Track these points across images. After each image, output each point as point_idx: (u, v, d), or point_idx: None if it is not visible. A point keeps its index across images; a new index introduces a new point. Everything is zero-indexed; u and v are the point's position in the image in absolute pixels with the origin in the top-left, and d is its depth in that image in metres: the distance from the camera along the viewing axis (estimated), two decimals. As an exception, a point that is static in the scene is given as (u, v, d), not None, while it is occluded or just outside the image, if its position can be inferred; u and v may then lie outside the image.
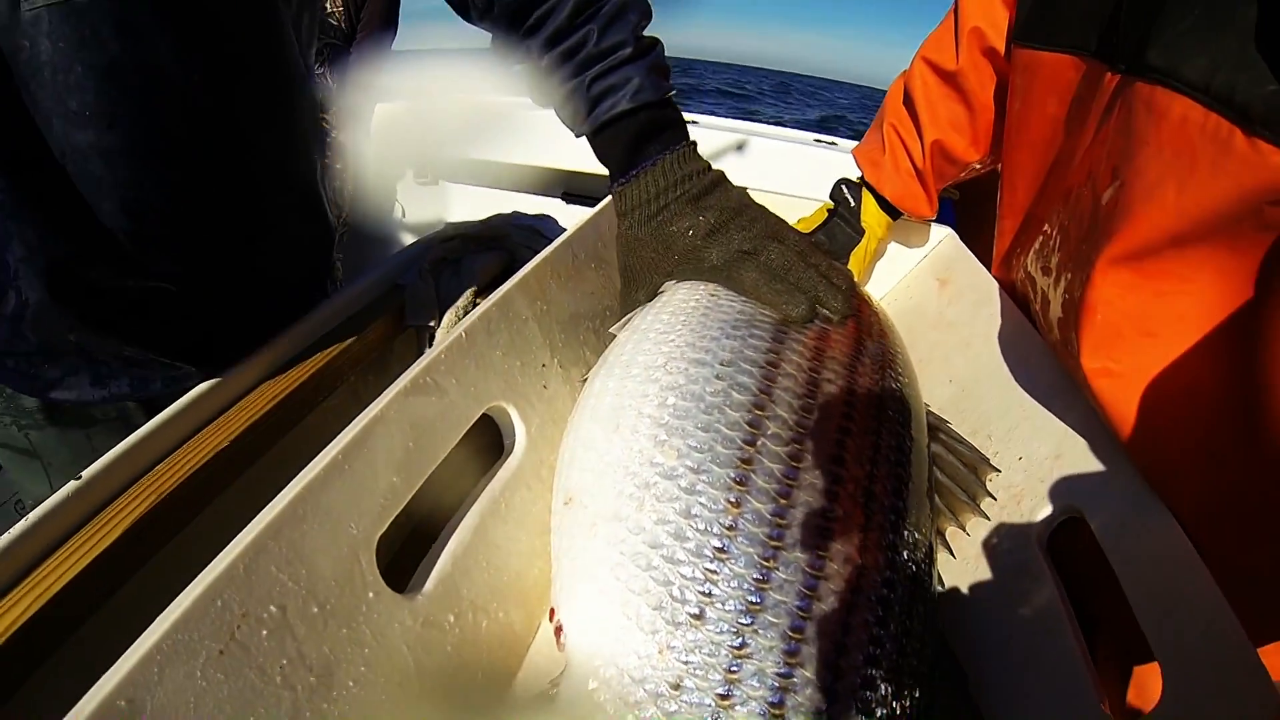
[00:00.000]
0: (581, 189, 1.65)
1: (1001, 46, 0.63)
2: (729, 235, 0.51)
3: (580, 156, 0.74)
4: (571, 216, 0.66)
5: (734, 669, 0.32)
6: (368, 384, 0.71)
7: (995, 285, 0.62)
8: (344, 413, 0.44)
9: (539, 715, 0.35)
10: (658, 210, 0.52)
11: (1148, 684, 0.48)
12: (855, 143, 0.84)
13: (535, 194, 1.68)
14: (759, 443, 0.38)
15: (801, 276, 0.50)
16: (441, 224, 0.85)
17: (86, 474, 0.46)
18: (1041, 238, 0.54)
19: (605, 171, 0.56)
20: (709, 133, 1.50)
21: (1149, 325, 0.41)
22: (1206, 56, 0.35)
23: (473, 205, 1.62)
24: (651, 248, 0.53)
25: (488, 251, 0.83)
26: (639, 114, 0.52)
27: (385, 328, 0.72)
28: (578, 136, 0.56)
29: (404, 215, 1.66)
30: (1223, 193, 0.35)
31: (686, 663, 0.33)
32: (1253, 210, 0.34)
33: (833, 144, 1.51)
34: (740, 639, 0.33)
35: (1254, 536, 0.39)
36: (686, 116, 0.59)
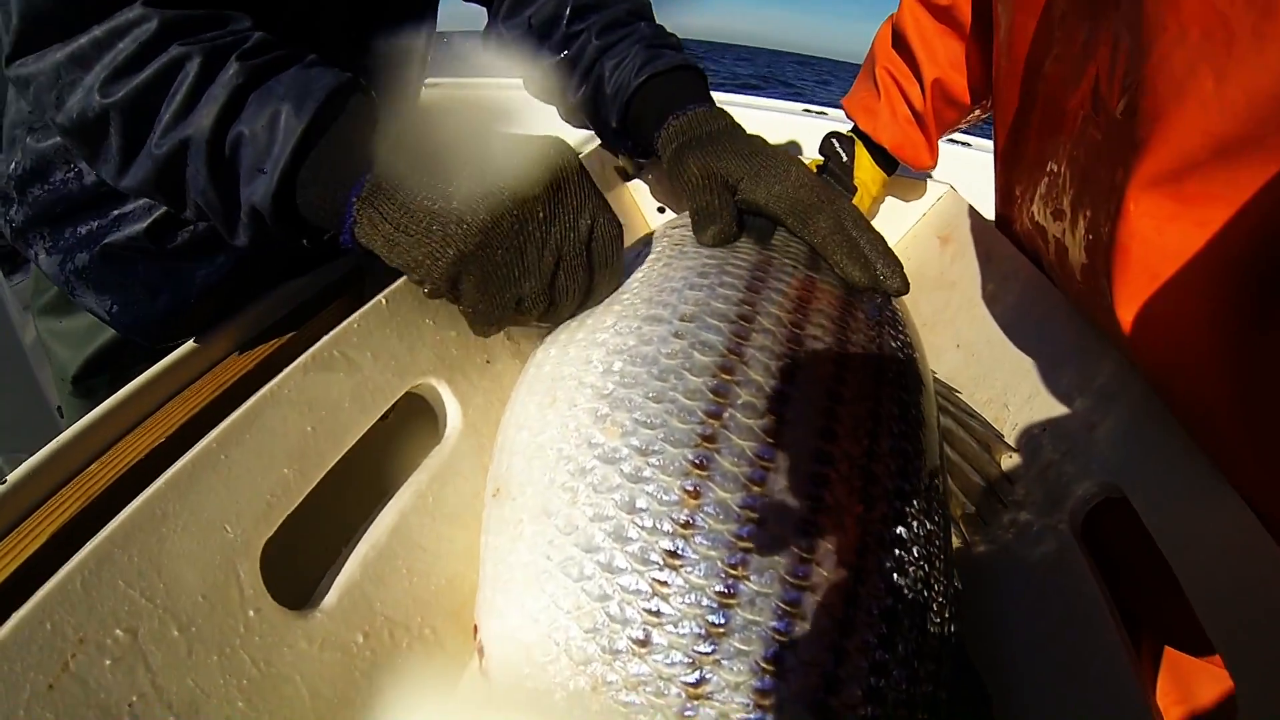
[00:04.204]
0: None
1: None
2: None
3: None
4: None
5: (688, 713, 0.24)
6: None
7: (1003, 239, 0.55)
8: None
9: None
10: (708, 139, 0.49)
11: (1195, 690, 0.42)
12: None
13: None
14: (726, 415, 0.30)
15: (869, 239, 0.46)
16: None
17: (11, 478, 0.40)
18: (1047, 180, 0.47)
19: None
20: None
21: (1195, 263, 0.35)
22: None
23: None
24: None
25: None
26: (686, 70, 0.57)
27: (345, 309, 0.67)
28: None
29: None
30: (1275, 69, 0.28)
31: (627, 704, 0.25)
32: None
33: (823, 114, 1.44)
34: (697, 673, 0.25)
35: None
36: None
